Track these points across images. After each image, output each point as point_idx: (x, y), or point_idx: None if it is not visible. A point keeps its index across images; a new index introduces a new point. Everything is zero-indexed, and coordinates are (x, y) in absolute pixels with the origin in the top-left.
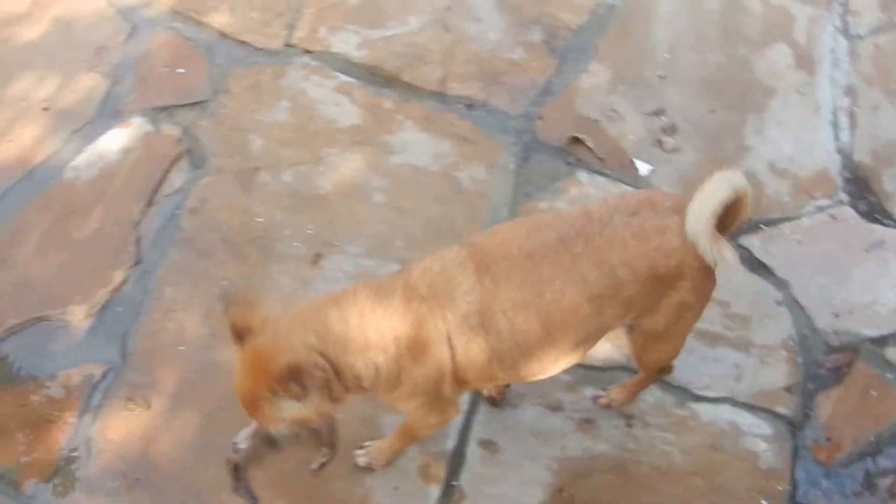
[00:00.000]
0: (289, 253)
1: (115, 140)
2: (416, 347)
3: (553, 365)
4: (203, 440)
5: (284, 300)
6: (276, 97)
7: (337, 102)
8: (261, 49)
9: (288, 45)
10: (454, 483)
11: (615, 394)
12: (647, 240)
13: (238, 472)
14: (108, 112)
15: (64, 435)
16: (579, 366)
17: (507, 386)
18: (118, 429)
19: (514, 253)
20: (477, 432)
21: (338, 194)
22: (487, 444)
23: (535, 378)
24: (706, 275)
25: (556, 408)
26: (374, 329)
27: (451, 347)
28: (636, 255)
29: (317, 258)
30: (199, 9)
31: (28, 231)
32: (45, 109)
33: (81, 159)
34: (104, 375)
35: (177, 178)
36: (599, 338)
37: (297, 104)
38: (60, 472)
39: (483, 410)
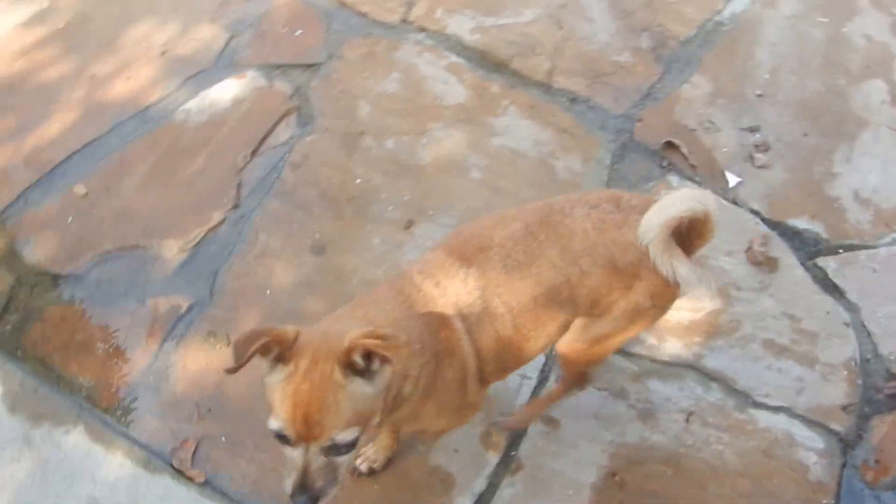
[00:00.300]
0: (383, 215)
1: (227, 90)
2: (446, 344)
3: (544, 346)
4: None
5: (375, 260)
6: (388, 69)
7: (446, 81)
8: (378, 21)
9: (404, 22)
10: (513, 453)
11: (517, 414)
12: (606, 231)
13: None
14: (224, 63)
15: (144, 359)
16: (648, 358)
17: None
18: (197, 360)
19: (486, 245)
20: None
21: (436, 167)
22: (550, 421)
23: (530, 360)
24: (664, 282)
25: (620, 395)
26: (415, 325)
27: (471, 337)
28: (595, 243)
29: (409, 224)
30: None
31: (134, 164)
32: (164, 54)
33: (193, 104)
34: (190, 308)
35: (283, 133)
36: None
37: (407, 77)
38: (137, 393)
39: (550, 388)
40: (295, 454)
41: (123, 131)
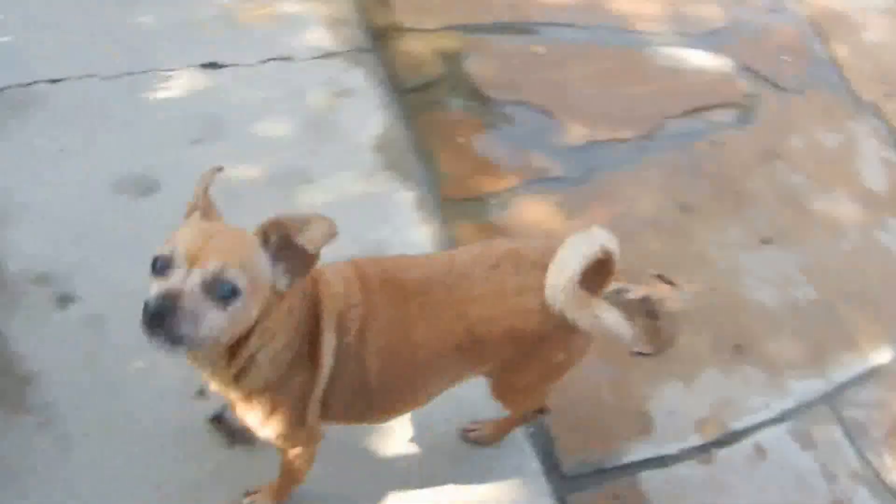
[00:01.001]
0: (751, 220)
1: (699, 58)
2: (311, 349)
3: (411, 405)
4: None
5: (717, 245)
6: (835, 127)
7: (875, 167)
8: (854, 92)
9: (874, 106)
10: (714, 449)
11: (487, 429)
12: (505, 299)
13: None
14: (710, 39)
15: (495, 186)
16: (875, 469)
17: None
18: (533, 213)
19: (388, 280)
20: (764, 435)
21: (818, 217)
22: (760, 450)
23: (395, 415)
24: (574, 332)
25: (829, 475)
26: (305, 311)
27: (336, 362)
28: (494, 314)
29: (766, 241)
30: (835, 31)
31: (594, 60)
32: (671, 5)
33: (666, 50)
34: (558, 178)
35: (720, 116)
36: (463, 381)
37: (846, 143)
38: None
39: (787, 426)
40: (170, 277)
41: (603, 35)
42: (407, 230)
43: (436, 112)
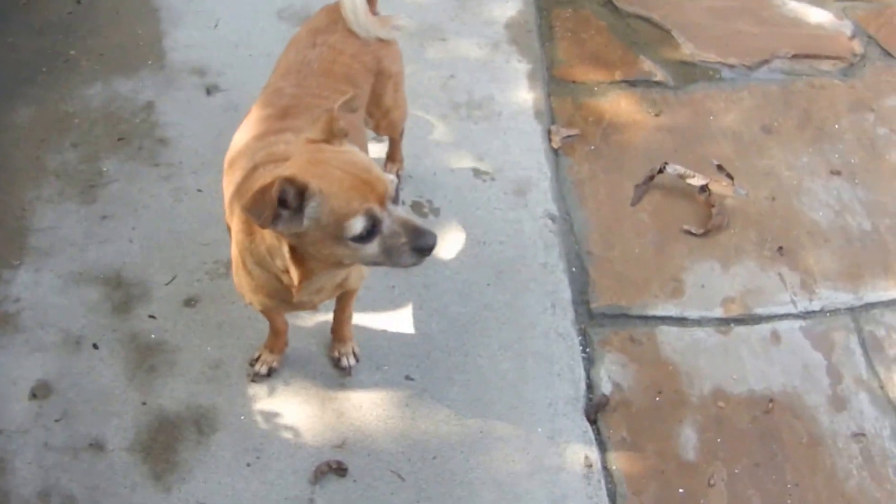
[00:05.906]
0: (823, 153)
1: (821, 16)
2: None
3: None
4: None
5: (781, 159)
6: None
7: None
8: None
9: None
10: (730, 323)
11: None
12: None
13: None
14: (837, 4)
15: (596, 75)
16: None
17: None
18: (625, 105)
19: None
20: (782, 325)
21: (893, 168)
22: (776, 336)
23: None
24: (387, 44)
25: (834, 374)
26: None
27: None
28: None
29: (833, 173)
30: None
31: None
32: None
33: (792, 4)
34: (657, 83)
35: (826, 66)
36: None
37: None
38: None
39: (807, 323)
40: (387, 222)
41: None
42: (512, 93)
43: (567, 9)
